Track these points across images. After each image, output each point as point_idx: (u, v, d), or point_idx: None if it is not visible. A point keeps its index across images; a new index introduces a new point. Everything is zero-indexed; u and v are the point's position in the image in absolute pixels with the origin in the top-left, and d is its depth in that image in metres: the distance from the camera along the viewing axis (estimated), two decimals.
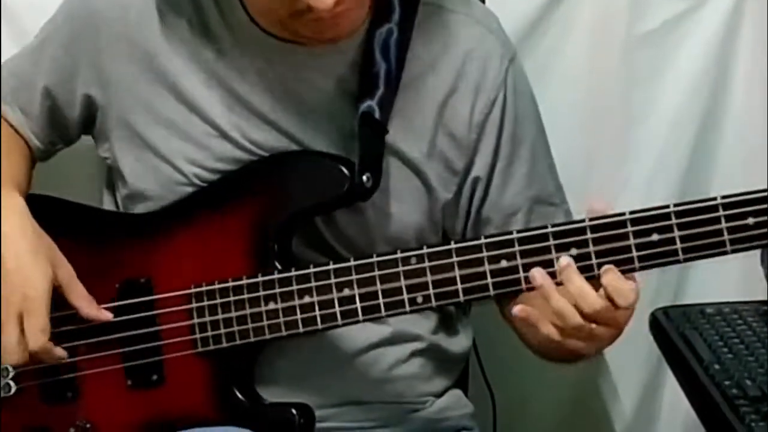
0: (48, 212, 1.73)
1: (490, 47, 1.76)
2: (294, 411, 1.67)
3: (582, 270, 1.53)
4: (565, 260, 1.54)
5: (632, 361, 2.24)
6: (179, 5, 1.72)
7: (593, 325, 1.52)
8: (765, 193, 1.52)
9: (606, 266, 1.53)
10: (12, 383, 1.71)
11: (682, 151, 2.19)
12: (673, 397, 2.17)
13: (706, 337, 1.80)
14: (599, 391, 2.28)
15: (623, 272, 1.53)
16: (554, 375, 2.19)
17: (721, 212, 1.52)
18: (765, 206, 1.51)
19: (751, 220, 1.52)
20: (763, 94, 2.15)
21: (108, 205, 1.85)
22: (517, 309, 1.55)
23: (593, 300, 1.51)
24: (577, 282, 1.52)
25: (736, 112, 2.18)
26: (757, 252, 2.07)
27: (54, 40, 1.79)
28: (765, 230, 1.52)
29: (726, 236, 1.52)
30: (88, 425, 1.71)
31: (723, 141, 2.20)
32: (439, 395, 1.84)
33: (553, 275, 1.53)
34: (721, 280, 2.14)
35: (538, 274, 1.54)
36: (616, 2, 2.12)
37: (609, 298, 1.52)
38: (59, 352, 1.67)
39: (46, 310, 1.63)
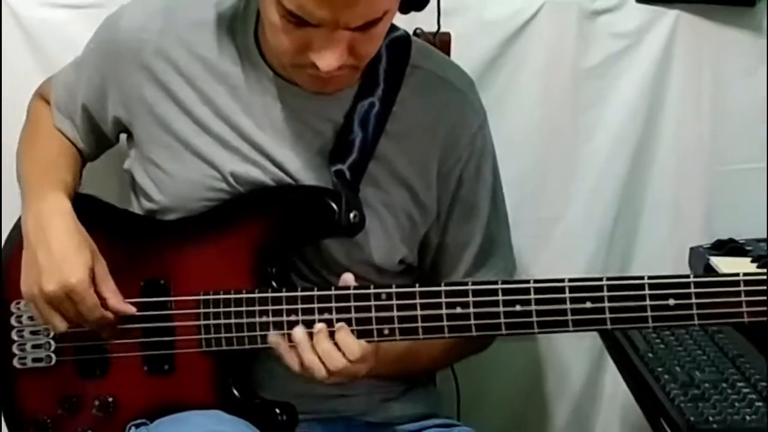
0: (91, 210, 1.75)
1: (465, 113, 1.77)
2: (278, 409, 1.70)
3: (521, 326, 1.58)
4: (318, 326, 1.60)
5: (578, 351, 2.27)
6: (194, 45, 1.73)
7: (335, 378, 1.60)
8: (686, 279, 1.53)
9: (338, 324, 1.60)
10: (53, 355, 1.74)
11: (621, 168, 2.22)
12: (613, 382, 2.22)
13: (641, 330, 1.81)
14: (550, 377, 2.30)
15: (558, 332, 1.58)
16: (511, 363, 2.25)
17: (647, 291, 1.54)
18: (685, 290, 1.53)
19: (671, 302, 1.53)
20: (691, 119, 2.21)
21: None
22: (271, 336, 1.63)
23: (338, 361, 1.58)
24: (325, 345, 1.59)
25: (667, 133, 2.22)
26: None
27: (88, 62, 1.80)
28: (684, 312, 1.53)
29: (649, 313, 1.54)
30: (110, 399, 1.73)
31: (656, 158, 2.23)
32: (410, 386, 1.86)
33: (497, 317, 1.58)
34: None
35: (298, 333, 1.60)
36: (564, 41, 2.16)
37: (341, 352, 1.59)
38: (112, 326, 1.69)
39: (91, 292, 1.65)
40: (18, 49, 2.05)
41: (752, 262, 2.01)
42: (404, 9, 1.63)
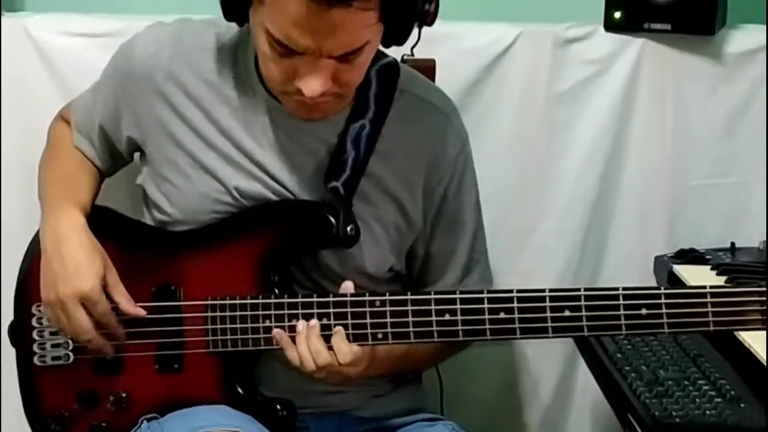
0: (107, 221, 1.78)
1: (448, 134, 1.80)
2: (279, 405, 1.74)
3: (504, 332, 1.61)
4: (301, 325, 1.64)
5: (552, 350, 2.29)
6: (200, 70, 1.75)
7: (324, 373, 1.64)
8: (657, 291, 1.57)
9: (335, 329, 1.64)
10: (71, 354, 1.77)
11: (591, 183, 2.25)
12: (585, 379, 2.23)
13: None
14: (526, 375, 2.32)
15: (539, 338, 1.62)
16: (489, 362, 2.28)
17: (621, 301, 1.57)
18: (657, 301, 1.56)
19: (644, 311, 1.56)
20: (656, 139, 2.24)
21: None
22: (275, 331, 1.67)
23: (324, 358, 1.62)
24: (314, 342, 1.63)
25: (634, 152, 2.25)
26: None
27: (105, 86, 1.83)
28: (655, 321, 1.56)
29: (623, 321, 1.57)
30: (124, 395, 1.76)
31: (624, 175, 2.26)
32: (399, 383, 1.88)
33: (483, 324, 1.61)
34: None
35: (277, 334, 1.66)
36: (539, 67, 2.19)
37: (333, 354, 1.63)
38: (122, 329, 1.72)
39: (103, 298, 1.69)
40: (39, 75, 2.10)
41: (712, 269, 2.05)
42: (386, 43, 1.66)
